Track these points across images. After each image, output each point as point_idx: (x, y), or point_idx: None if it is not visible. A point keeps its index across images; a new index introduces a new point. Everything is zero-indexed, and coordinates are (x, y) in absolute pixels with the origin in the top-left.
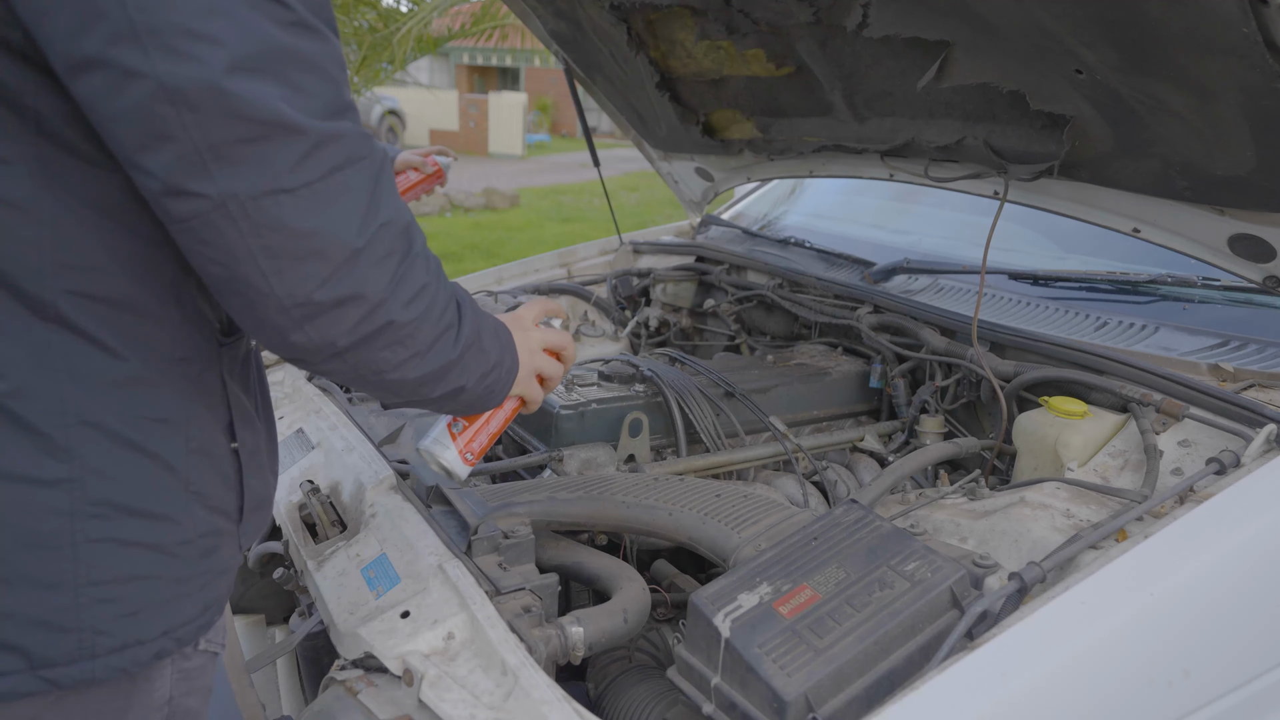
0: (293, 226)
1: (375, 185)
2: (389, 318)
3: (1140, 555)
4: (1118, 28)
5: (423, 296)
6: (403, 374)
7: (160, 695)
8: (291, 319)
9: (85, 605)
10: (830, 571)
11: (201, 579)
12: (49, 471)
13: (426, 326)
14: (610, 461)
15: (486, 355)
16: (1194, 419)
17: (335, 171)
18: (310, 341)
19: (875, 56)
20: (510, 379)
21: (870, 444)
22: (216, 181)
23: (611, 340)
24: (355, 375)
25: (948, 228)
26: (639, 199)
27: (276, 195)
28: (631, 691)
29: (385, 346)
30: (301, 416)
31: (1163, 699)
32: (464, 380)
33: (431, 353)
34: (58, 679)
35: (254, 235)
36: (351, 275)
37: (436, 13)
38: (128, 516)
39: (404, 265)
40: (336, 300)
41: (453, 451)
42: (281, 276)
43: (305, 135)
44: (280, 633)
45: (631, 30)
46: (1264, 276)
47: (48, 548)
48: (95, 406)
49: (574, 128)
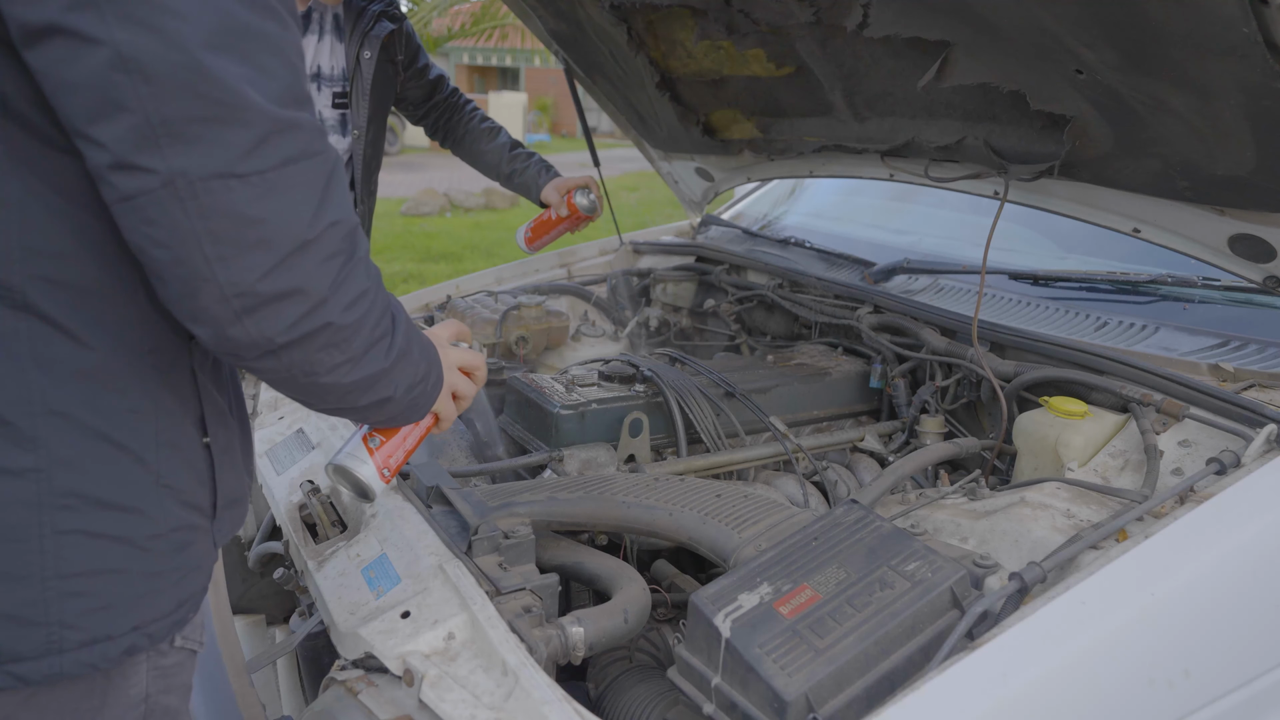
0: (241, 213)
1: (327, 183)
2: (328, 319)
3: (1140, 555)
4: (1118, 28)
5: (362, 301)
6: (335, 378)
7: (136, 693)
8: (231, 310)
9: (53, 599)
10: (831, 571)
11: (175, 574)
12: (15, 461)
13: (363, 332)
14: (610, 461)
15: (415, 367)
16: (1194, 419)
17: (289, 163)
18: (247, 336)
19: (875, 56)
20: (435, 393)
21: (870, 444)
22: (167, 158)
23: (611, 340)
24: (287, 376)
25: (948, 228)
26: (639, 199)
27: (227, 179)
28: (632, 691)
29: (321, 349)
30: (302, 416)
31: (1163, 699)
32: (392, 390)
33: (365, 359)
34: (25, 675)
35: (200, 218)
36: (296, 269)
37: (436, 12)
38: (97, 508)
39: (347, 268)
40: (278, 294)
41: (370, 467)
42: (225, 263)
43: (263, 120)
44: (280, 633)
45: (631, 30)
46: (1264, 276)
47: (14, 540)
48: (63, 396)
49: (574, 128)
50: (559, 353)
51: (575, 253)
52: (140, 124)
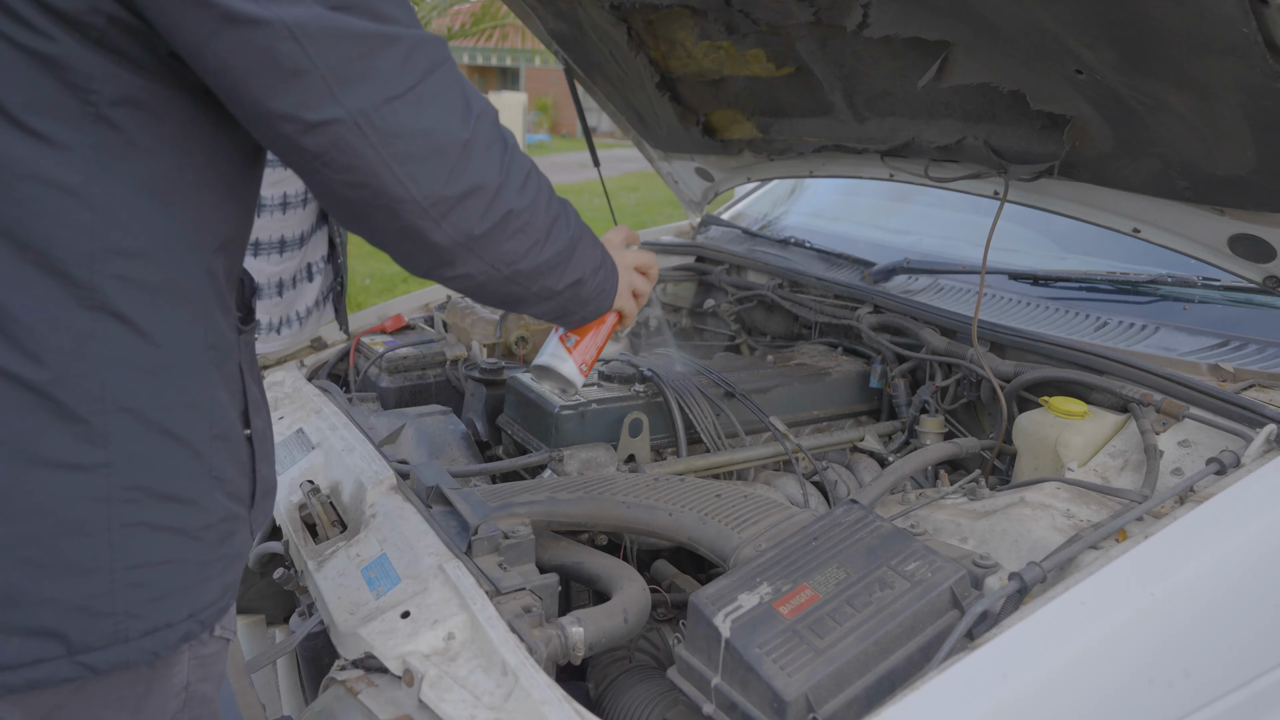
0: (411, 128)
1: (462, 82)
2: (508, 205)
3: (1140, 555)
4: (1118, 28)
5: (530, 183)
6: (531, 260)
7: (179, 681)
8: (431, 218)
9: (119, 589)
10: (830, 572)
11: (220, 563)
12: (87, 457)
13: (540, 212)
14: (610, 461)
15: (595, 249)
16: (1194, 419)
17: (430, 73)
18: (449, 237)
19: (875, 56)
20: (614, 281)
21: (870, 444)
22: (343, 103)
23: (611, 340)
24: (492, 272)
25: (947, 228)
26: (639, 199)
27: (391, 102)
28: (631, 692)
29: (510, 236)
30: (302, 416)
31: (1163, 699)
32: (581, 271)
33: (550, 239)
34: (94, 664)
35: (384, 145)
36: (468, 167)
37: (436, 12)
38: (158, 501)
39: (506, 154)
40: (461, 193)
41: (570, 363)
42: (415, 180)
43: (401, 40)
44: (280, 633)
45: (631, 30)
46: (1264, 276)
47: (85, 533)
48: (131, 392)
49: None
50: None
51: None
52: (314, 82)
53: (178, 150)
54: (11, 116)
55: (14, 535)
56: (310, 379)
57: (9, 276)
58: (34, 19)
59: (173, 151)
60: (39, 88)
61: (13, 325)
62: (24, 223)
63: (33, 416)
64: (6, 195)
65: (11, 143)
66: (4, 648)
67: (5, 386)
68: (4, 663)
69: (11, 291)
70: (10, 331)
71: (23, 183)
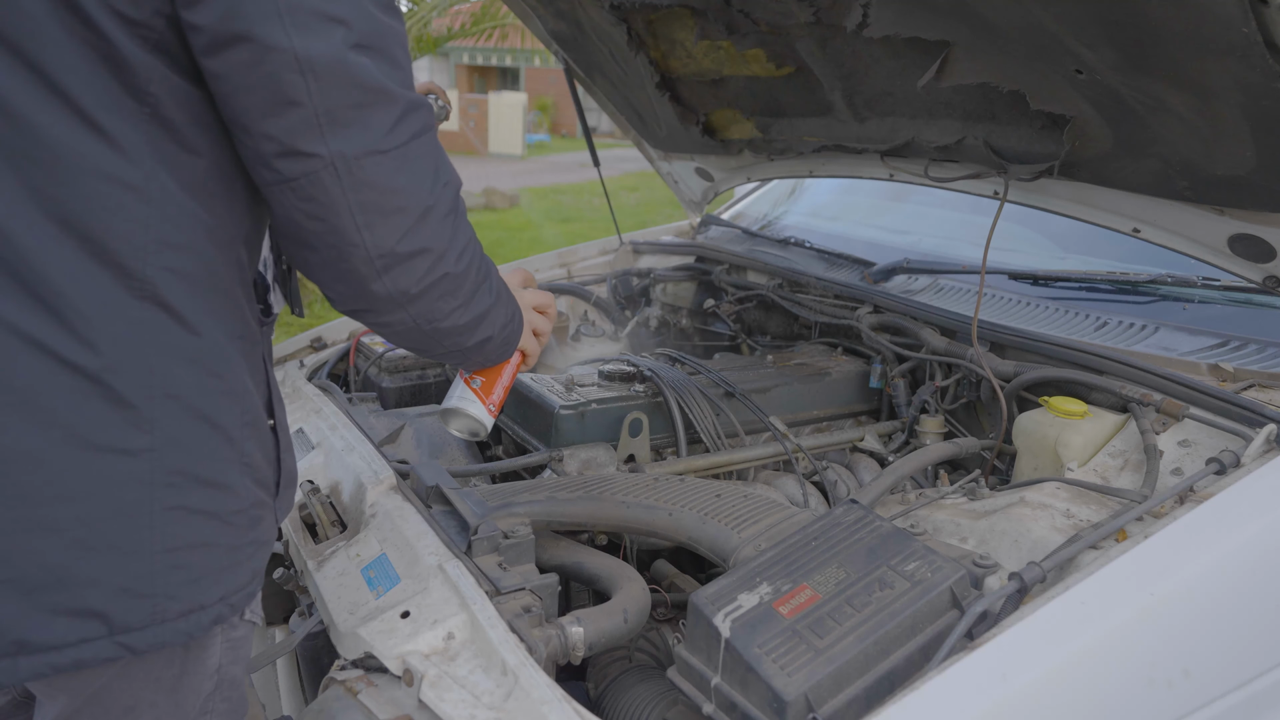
0: (384, 184)
1: (439, 150)
2: (446, 269)
3: (1140, 555)
4: (1118, 28)
5: (468, 251)
6: (452, 321)
7: (212, 663)
8: (374, 269)
9: (160, 571)
10: (830, 571)
11: (250, 548)
12: (134, 442)
13: (470, 277)
14: (610, 461)
15: (507, 306)
16: (1194, 419)
17: (416, 137)
18: (386, 290)
19: (875, 56)
20: (520, 329)
21: (870, 444)
22: (328, 142)
23: (611, 340)
24: (412, 325)
25: (947, 227)
26: (639, 199)
27: (374, 155)
28: (631, 691)
29: (440, 296)
30: (302, 416)
31: (1163, 699)
32: (491, 330)
33: (474, 302)
34: (133, 644)
35: (353, 191)
36: (424, 229)
37: (436, 12)
38: (196, 485)
39: (457, 223)
40: (411, 252)
41: (479, 405)
42: (372, 229)
43: (399, 102)
44: (280, 633)
45: (631, 30)
46: (1264, 276)
47: (129, 516)
48: (176, 379)
49: (574, 128)
50: (559, 353)
51: (575, 252)
52: (308, 116)
53: (216, 149)
54: (84, 114)
55: (66, 517)
56: (310, 379)
57: (71, 267)
58: (104, 22)
59: (212, 150)
60: (106, 87)
61: (71, 314)
62: (88, 216)
63: (87, 402)
64: (73, 189)
65: (81, 139)
66: (52, 627)
67: (62, 373)
68: (52, 642)
69: (72, 281)
70: (69, 320)
71: (89, 178)
